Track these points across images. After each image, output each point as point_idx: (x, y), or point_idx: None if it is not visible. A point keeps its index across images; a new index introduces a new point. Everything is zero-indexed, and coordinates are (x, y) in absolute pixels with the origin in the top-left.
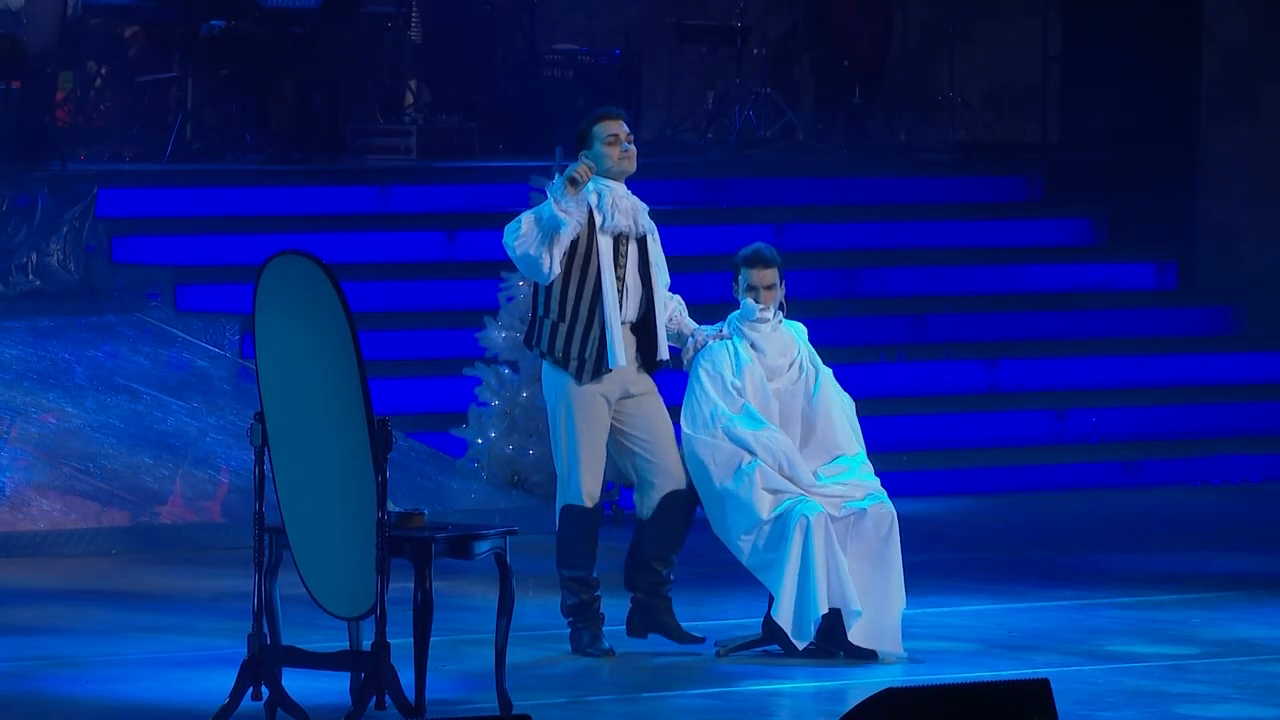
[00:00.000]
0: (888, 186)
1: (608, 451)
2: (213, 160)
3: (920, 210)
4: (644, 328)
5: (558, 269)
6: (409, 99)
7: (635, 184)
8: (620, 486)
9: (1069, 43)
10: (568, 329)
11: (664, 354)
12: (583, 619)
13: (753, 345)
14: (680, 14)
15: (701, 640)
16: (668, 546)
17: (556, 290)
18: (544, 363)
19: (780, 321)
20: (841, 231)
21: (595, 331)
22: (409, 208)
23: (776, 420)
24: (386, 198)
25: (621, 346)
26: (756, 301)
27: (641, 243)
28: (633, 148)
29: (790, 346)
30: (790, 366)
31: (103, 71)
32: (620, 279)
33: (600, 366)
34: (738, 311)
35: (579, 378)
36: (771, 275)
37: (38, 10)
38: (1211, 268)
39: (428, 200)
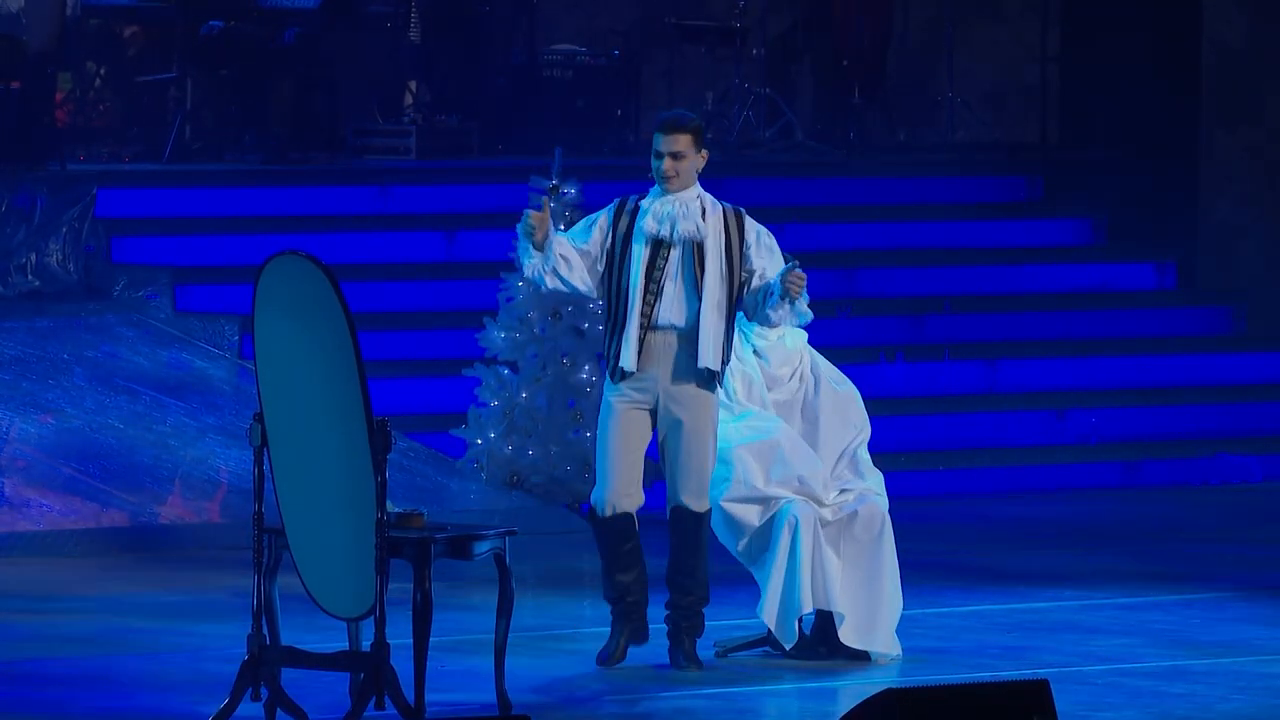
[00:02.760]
0: (887, 186)
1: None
2: (212, 160)
3: (919, 210)
4: (687, 335)
5: (579, 285)
6: (408, 99)
7: (634, 184)
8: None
9: (1068, 43)
10: (606, 331)
11: (706, 362)
12: (613, 619)
13: (756, 352)
14: (679, 14)
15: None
16: (676, 569)
17: (604, 294)
18: None
19: (784, 329)
20: (841, 232)
21: (620, 334)
22: (408, 208)
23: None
24: (386, 198)
25: (634, 351)
26: None
27: (698, 248)
28: (674, 164)
29: (793, 356)
30: (792, 376)
31: (102, 72)
32: (656, 283)
33: (617, 369)
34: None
35: (610, 378)
36: None
37: (37, 10)
38: (1211, 268)
39: (427, 200)
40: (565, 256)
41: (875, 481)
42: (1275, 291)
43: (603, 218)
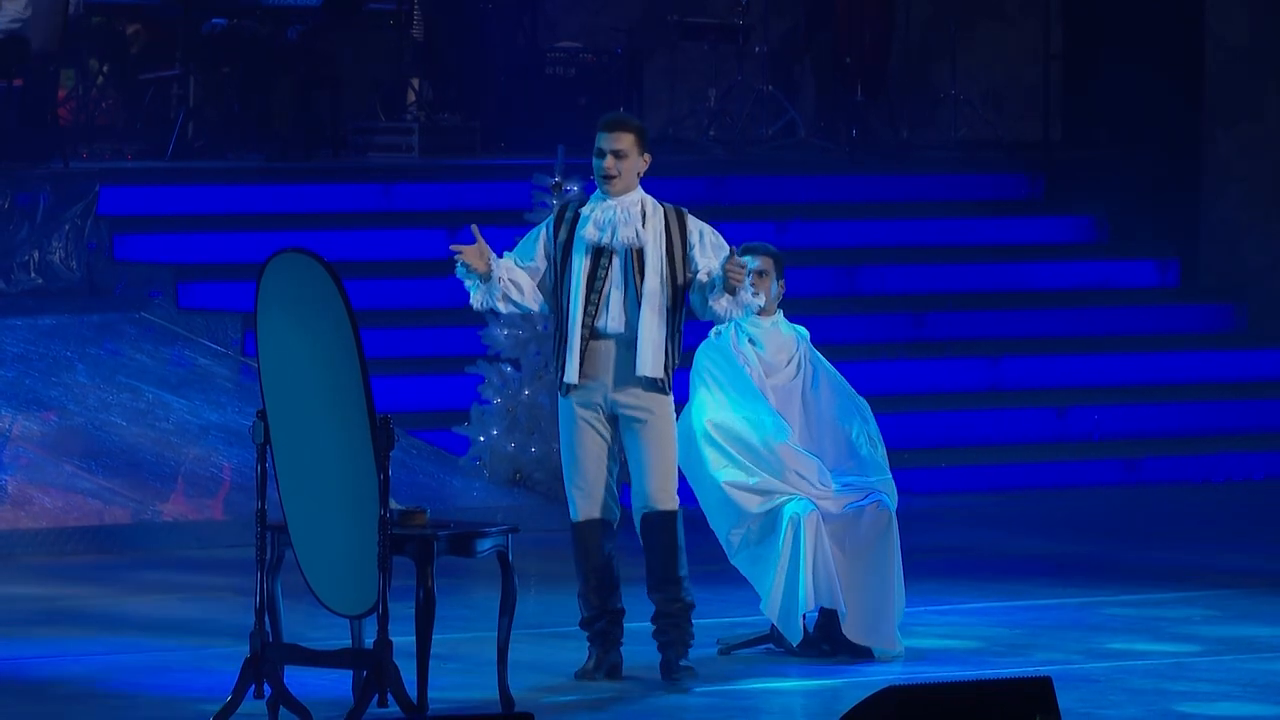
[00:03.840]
0: (889, 184)
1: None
2: (214, 158)
3: (922, 208)
4: (631, 342)
5: (531, 306)
6: (411, 97)
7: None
8: None
9: (1070, 41)
10: (553, 343)
11: (644, 370)
12: (591, 638)
13: (751, 341)
14: (682, 12)
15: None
16: (655, 577)
17: (553, 307)
18: None
19: (778, 318)
20: (843, 229)
21: (564, 346)
22: (411, 205)
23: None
24: (388, 195)
25: (575, 362)
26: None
27: (638, 254)
28: (616, 163)
29: (790, 344)
30: (789, 363)
31: (104, 69)
32: (598, 291)
33: (562, 383)
34: None
35: (559, 391)
36: (765, 263)
37: (39, 8)
38: (1213, 265)
39: (430, 198)
40: (515, 281)
41: (883, 483)
42: (1277, 289)
43: (543, 231)
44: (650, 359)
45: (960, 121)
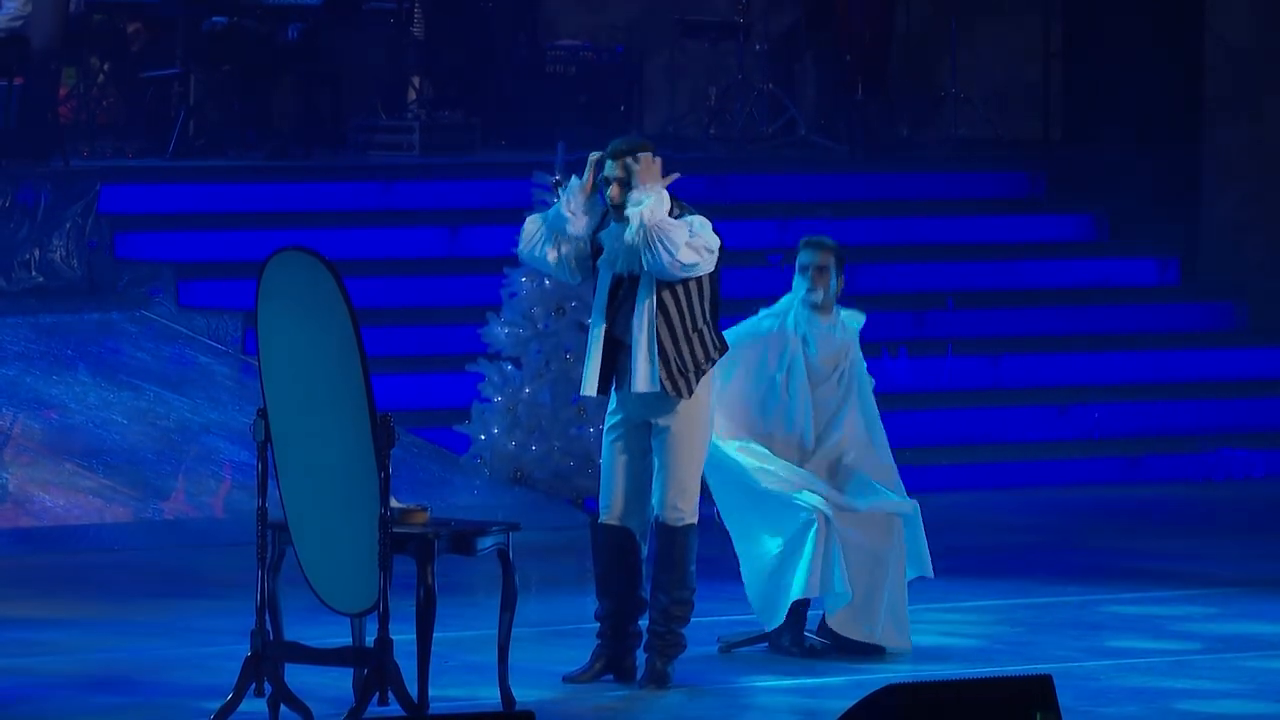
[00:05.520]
0: (890, 182)
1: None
2: (215, 156)
3: (922, 206)
4: (628, 351)
5: (571, 269)
6: (411, 95)
7: None
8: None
9: (1071, 39)
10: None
11: (639, 386)
12: (598, 634)
13: (804, 339)
14: (682, 10)
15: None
16: (655, 584)
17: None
18: None
19: (835, 318)
20: (843, 227)
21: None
22: (412, 204)
23: (810, 425)
24: (389, 193)
25: (594, 378)
26: (805, 281)
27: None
28: (620, 194)
29: (841, 353)
30: (833, 373)
31: (105, 68)
32: (616, 305)
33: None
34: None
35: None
36: (824, 257)
37: (40, 6)
38: (1214, 264)
39: (430, 196)
40: (577, 249)
41: (881, 498)
42: (1277, 287)
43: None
44: (644, 374)
45: (960, 120)
